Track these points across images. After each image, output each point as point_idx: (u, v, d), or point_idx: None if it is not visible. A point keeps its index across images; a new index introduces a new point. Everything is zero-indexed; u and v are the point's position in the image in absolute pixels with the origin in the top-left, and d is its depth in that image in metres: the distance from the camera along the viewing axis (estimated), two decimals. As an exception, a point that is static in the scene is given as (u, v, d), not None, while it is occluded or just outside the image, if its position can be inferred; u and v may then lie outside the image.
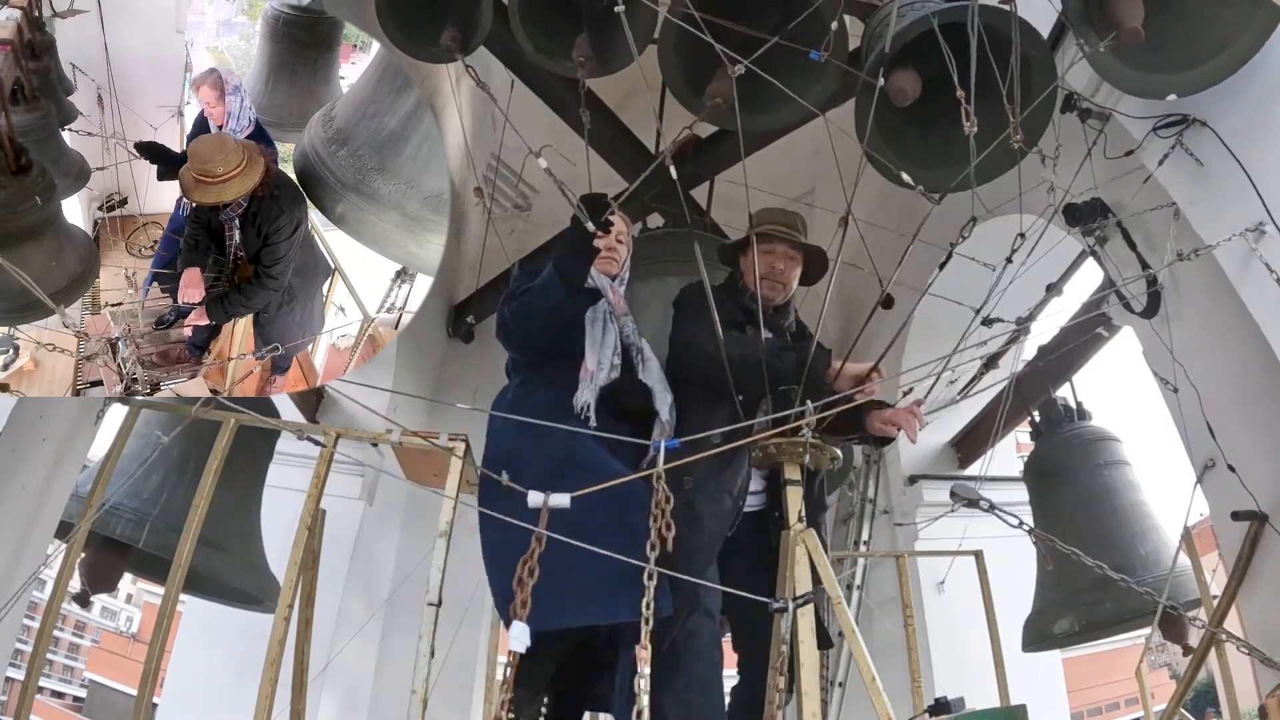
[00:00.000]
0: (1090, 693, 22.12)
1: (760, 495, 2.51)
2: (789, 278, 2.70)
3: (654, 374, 2.45)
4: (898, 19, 2.06)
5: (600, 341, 2.38)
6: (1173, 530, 3.01)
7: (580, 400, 2.29)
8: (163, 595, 2.26)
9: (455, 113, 3.90)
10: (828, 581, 1.98)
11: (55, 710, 29.05)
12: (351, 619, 3.68)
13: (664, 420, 2.37)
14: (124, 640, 33.69)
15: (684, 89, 2.46)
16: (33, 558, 2.33)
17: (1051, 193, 2.21)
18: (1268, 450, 2.21)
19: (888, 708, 1.79)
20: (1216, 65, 2.10)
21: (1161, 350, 2.45)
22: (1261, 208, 2.02)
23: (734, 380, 2.34)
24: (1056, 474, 3.56)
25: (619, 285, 2.58)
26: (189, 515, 2.23)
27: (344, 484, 3.89)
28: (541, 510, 1.51)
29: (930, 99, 2.13)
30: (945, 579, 4.15)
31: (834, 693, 4.25)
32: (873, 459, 4.88)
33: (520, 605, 1.42)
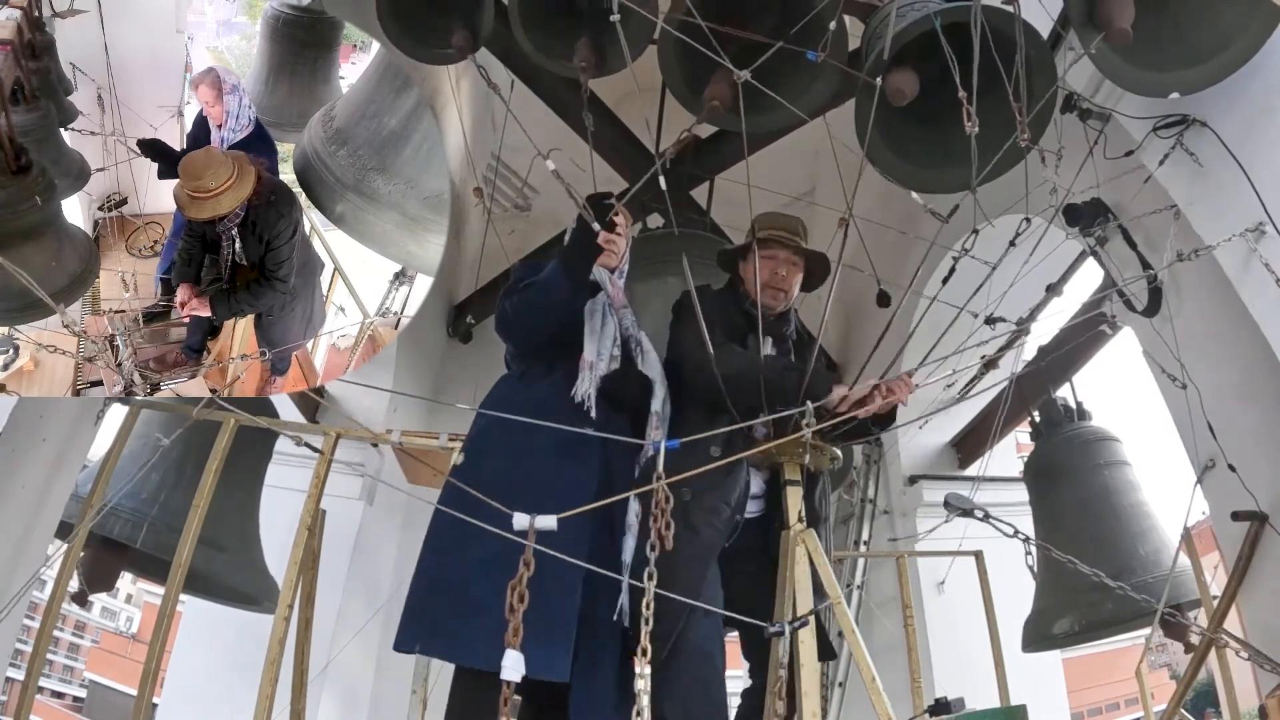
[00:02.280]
0: (1090, 693, 22.14)
1: (761, 501, 2.49)
2: (790, 284, 2.64)
3: (653, 365, 2.44)
4: (898, 19, 2.06)
5: (600, 332, 2.37)
6: (1173, 530, 3.01)
7: (580, 391, 2.28)
8: (163, 595, 2.26)
9: (455, 113, 3.90)
10: (828, 582, 1.98)
11: (55, 710, 29.05)
12: (351, 619, 3.68)
13: (656, 412, 2.35)
14: (124, 640, 33.69)
15: (684, 90, 2.46)
16: (33, 558, 2.33)
17: (1053, 194, 2.21)
18: (1268, 450, 2.21)
19: (888, 708, 1.79)
20: (1216, 65, 2.10)
21: (1162, 349, 2.44)
22: (1261, 208, 2.02)
23: (730, 397, 2.30)
24: (1056, 474, 3.55)
25: (618, 278, 2.58)
26: (189, 515, 2.24)
27: (344, 484, 3.88)
28: (529, 533, 1.47)
29: (930, 99, 2.13)
30: (945, 579, 4.15)
31: (834, 693, 4.25)
32: (873, 459, 4.88)
33: (513, 634, 1.39)
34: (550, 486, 2.08)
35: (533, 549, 1.41)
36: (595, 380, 2.29)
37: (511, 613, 1.38)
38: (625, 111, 3.94)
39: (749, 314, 2.56)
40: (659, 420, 2.33)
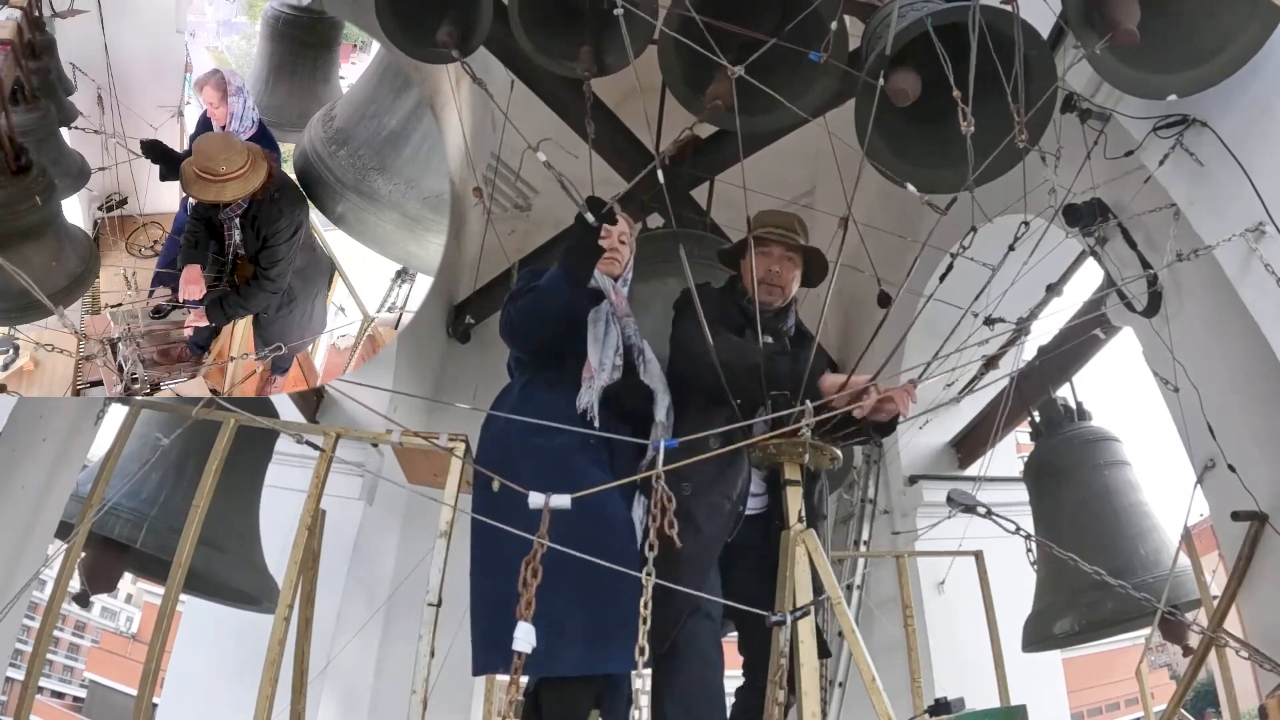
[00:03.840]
0: (1090, 693, 22.13)
1: (762, 498, 2.50)
2: (787, 280, 2.69)
3: (655, 375, 2.47)
4: (898, 19, 2.06)
5: (603, 341, 2.40)
6: (1173, 530, 3.01)
7: (583, 400, 2.32)
8: (163, 595, 2.26)
9: (455, 113, 3.90)
10: (828, 582, 1.98)
11: (55, 710, 29.06)
12: (351, 619, 3.68)
13: (660, 422, 2.39)
14: (124, 640, 33.69)
15: (684, 89, 2.46)
16: (33, 558, 2.33)
17: (1053, 194, 2.21)
18: (1267, 450, 2.21)
19: (888, 708, 1.79)
20: (1216, 65, 2.10)
21: (1162, 350, 2.44)
22: (1261, 208, 2.02)
23: (730, 386, 2.33)
24: (1056, 474, 3.55)
25: (621, 286, 2.60)
26: (189, 515, 2.23)
27: (344, 484, 3.89)
28: (543, 512, 1.50)
29: (931, 99, 2.12)
30: (945, 579, 4.15)
31: (834, 693, 4.25)
32: (873, 459, 4.88)
33: (525, 606, 1.42)
34: (582, 476, 2.10)
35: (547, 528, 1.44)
36: (598, 391, 2.31)
37: (525, 587, 1.42)
38: (625, 112, 3.94)
39: (746, 310, 2.59)
40: (664, 430, 2.35)
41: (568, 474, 2.13)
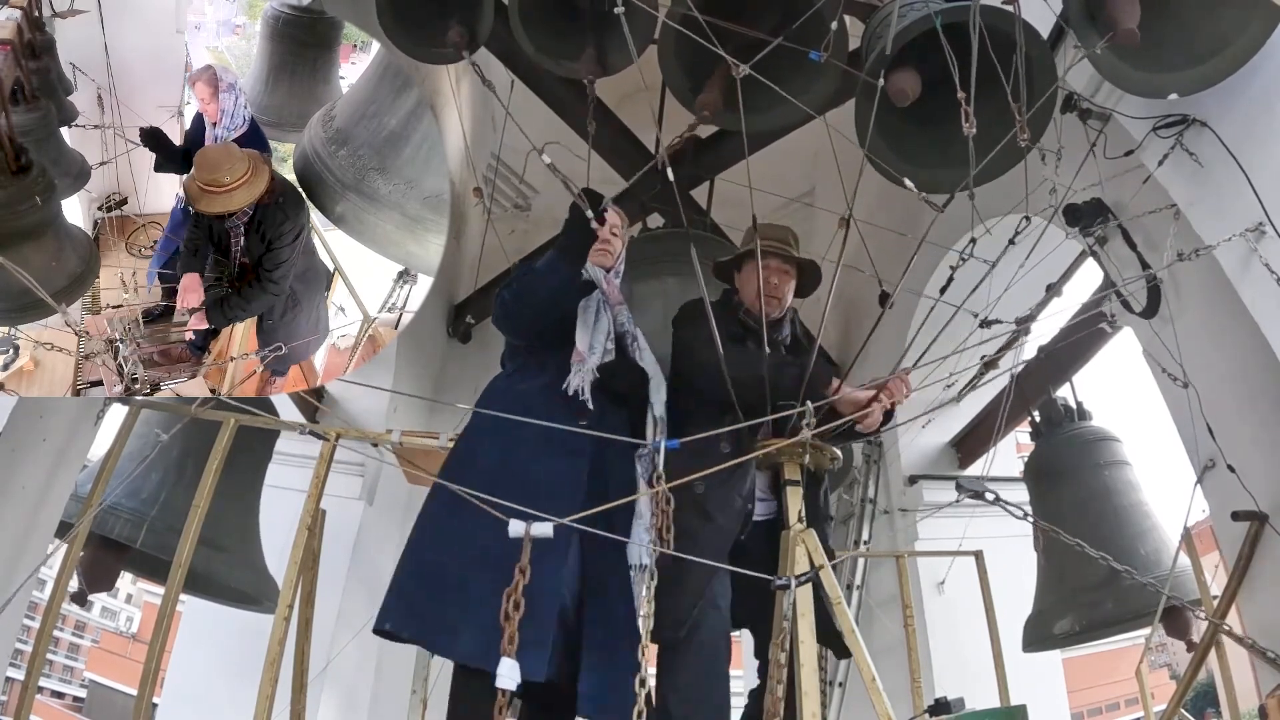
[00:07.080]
0: (1090, 693, 22.13)
1: (769, 503, 2.50)
2: (783, 293, 2.71)
3: (649, 360, 2.46)
4: (898, 19, 2.06)
5: (592, 325, 2.38)
6: (1173, 530, 3.01)
7: (574, 384, 2.28)
8: (163, 595, 2.26)
9: (455, 113, 3.90)
10: (828, 582, 1.98)
11: (55, 710, 29.05)
12: (351, 619, 3.67)
13: (659, 417, 2.36)
14: (124, 640, 33.68)
15: (684, 89, 2.46)
16: (33, 557, 2.33)
17: (1053, 193, 2.21)
18: (1267, 450, 2.21)
19: (888, 708, 1.80)
20: (1216, 65, 2.10)
21: (1162, 350, 2.45)
22: (1261, 208, 2.02)
23: (738, 396, 2.34)
24: (1057, 474, 3.55)
25: (614, 277, 2.59)
26: (189, 515, 2.24)
27: (344, 484, 3.89)
28: (524, 541, 1.43)
29: (931, 98, 2.13)
30: (945, 579, 4.15)
31: (834, 693, 4.25)
32: (873, 459, 4.88)
33: (508, 641, 1.36)
34: (537, 483, 2.06)
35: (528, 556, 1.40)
36: (589, 373, 2.29)
37: (507, 620, 1.36)
38: (625, 112, 3.94)
39: (745, 322, 2.62)
40: (661, 426, 2.34)
41: (532, 481, 2.08)
